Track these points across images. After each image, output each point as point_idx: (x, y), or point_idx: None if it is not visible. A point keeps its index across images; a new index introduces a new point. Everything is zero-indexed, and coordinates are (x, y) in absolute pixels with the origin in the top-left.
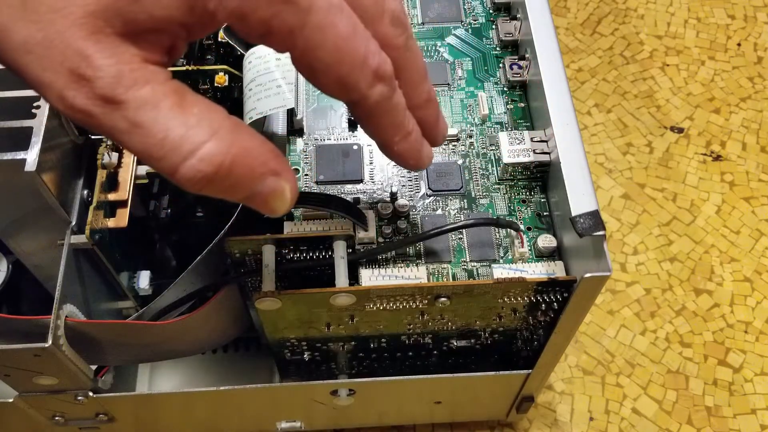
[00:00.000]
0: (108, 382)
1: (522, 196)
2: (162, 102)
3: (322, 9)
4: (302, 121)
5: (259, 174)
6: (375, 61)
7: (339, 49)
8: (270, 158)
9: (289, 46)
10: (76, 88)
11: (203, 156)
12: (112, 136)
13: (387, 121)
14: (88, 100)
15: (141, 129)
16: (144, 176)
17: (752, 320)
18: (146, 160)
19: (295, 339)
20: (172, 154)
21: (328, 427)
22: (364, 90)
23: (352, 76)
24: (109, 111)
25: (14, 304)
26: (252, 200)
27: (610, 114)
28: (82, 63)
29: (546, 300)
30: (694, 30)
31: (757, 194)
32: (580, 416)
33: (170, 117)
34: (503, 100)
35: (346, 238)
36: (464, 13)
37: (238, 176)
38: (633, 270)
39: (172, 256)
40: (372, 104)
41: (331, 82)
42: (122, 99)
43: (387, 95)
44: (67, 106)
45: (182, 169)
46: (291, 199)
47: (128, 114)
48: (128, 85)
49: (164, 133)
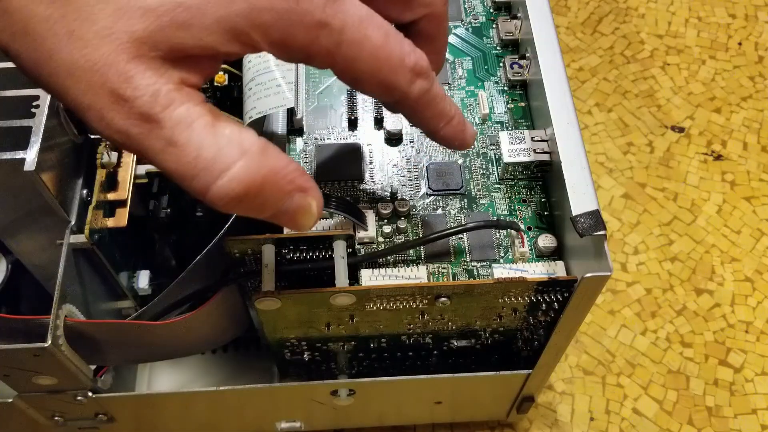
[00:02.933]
0: (107, 382)
1: (522, 195)
2: (196, 122)
3: (353, 25)
4: (302, 121)
5: (287, 192)
6: (411, 60)
7: (376, 57)
8: (297, 176)
9: (330, 64)
10: (116, 109)
11: (234, 176)
12: (148, 156)
13: (430, 111)
14: (127, 120)
15: (175, 148)
16: (143, 176)
17: (753, 320)
18: (179, 179)
19: (295, 339)
20: (205, 173)
21: (328, 427)
22: (405, 88)
23: (392, 78)
24: (146, 131)
25: (13, 304)
26: (280, 217)
27: (611, 113)
28: (123, 84)
29: (546, 300)
30: (694, 29)
31: (758, 194)
32: (581, 416)
33: (203, 137)
34: (504, 99)
35: (346, 237)
36: (464, 12)
37: (267, 195)
38: (634, 270)
39: (172, 255)
40: (414, 99)
41: (374, 87)
42: (159, 118)
43: (426, 88)
44: (105, 126)
45: (214, 189)
46: (317, 215)
47: (164, 133)
48: (164, 105)
49: (197, 152)
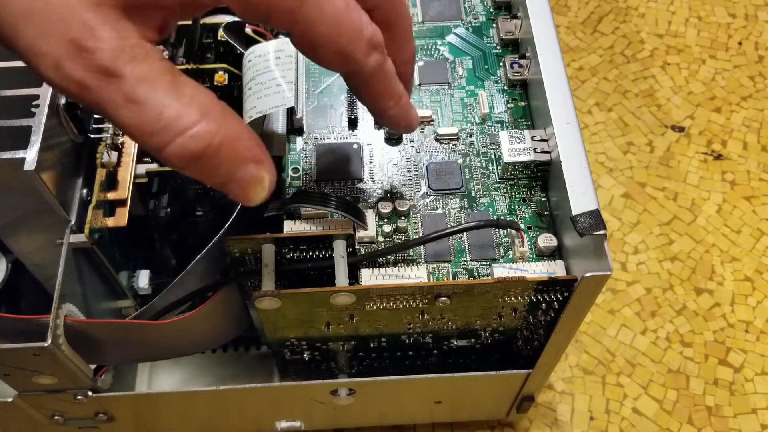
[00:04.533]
0: (107, 382)
1: (522, 195)
2: (158, 80)
3: None
4: (302, 120)
5: (242, 159)
6: (369, 31)
7: (336, 22)
8: (254, 146)
9: (289, 24)
10: (75, 59)
11: (194, 134)
12: (103, 109)
13: (381, 87)
14: (86, 72)
15: (136, 104)
16: (143, 175)
17: (753, 320)
18: (134, 134)
19: (294, 338)
20: (165, 131)
21: (328, 427)
22: (361, 59)
23: (350, 47)
24: (105, 84)
25: (13, 304)
26: (231, 185)
27: (611, 113)
28: (85, 34)
29: (546, 299)
30: (695, 29)
31: (758, 193)
32: (581, 416)
33: (165, 95)
34: (504, 98)
35: (346, 237)
36: (465, 12)
37: (223, 158)
38: (634, 269)
39: (172, 255)
40: (368, 72)
41: (330, 54)
42: (121, 73)
43: (381, 62)
44: (62, 75)
45: (172, 146)
46: (268, 190)
47: (125, 88)
48: (127, 60)
49: (159, 110)
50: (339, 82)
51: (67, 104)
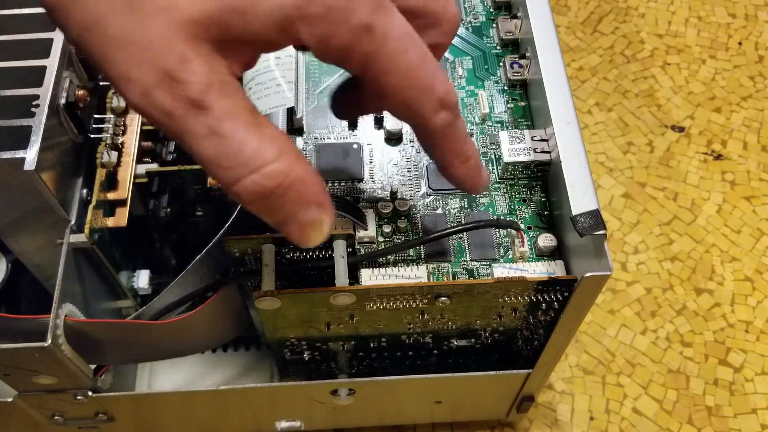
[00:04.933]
0: (107, 382)
1: (522, 195)
2: (242, 116)
3: (396, 37)
4: (302, 120)
5: (307, 201)
6: (442, 89)
7: (408, 75)
8: (320, 191)
9: (362, 69)
10: (165, 89)
11: (268, 173)
12: (183, 138)
13: (448, 146)
14: (174, 102)
15: (218, 137)
16: (143, 175)
17: (753, 320)
18: (210, 166)
19: (294, 338)
20: (242, 166)
21: (328, 427)
22: (428, 115)
23: (419, 102)
24: (192, 115)
25: (13, 304)
26: (291, 225)
27: (611, 113)
28: (180, 66)
29: (546, 299)
30: (695, 29)
31: (758, 193)
32: (581, 416)
33: (247, 131)
34: (504, 99)
35: (346, 237)
36: (464, 12)
37: (290, 198)
38: (634, 269)
39: (172, 255)
40: (435, 129)
41: (398, 106)
42: (208, 105)
43: (449, 122)
44: (149, 103)
45: (245, 181)
46: (326, 234)
47: (210, 121)
48: (216, 95)
49: (239, 145)
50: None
51: (67, 104)
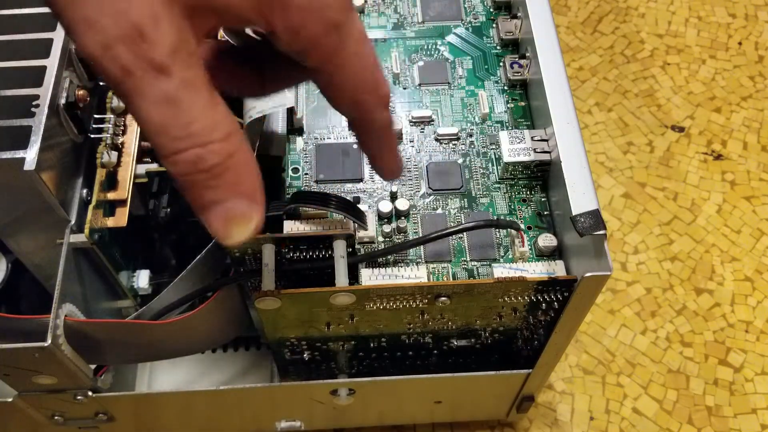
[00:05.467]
0: (107, 382)
1: (522, 195)
2: (200, 89)
3: (358, 37)
4: (302, 120)
5: (241, 191)
6: (385, 89)
7: (362, 75)
8: (257, 186)
9: (323, 62)
10: (130, 44)
11: (213, 149)
12: (134, 99)
13: (384, 139)
14: (136, 60)
15: (172, 106)
16: (143, 175)
17: (753, 320)
18: (155, 132)
19: (294, 338)
20: (188, 138)
21: (327, 427)
22: (373, 112)
23: (368, 100)
24: (151, 77)
25: (13, 304)
26: (217, 211)
27: (611, 113)
28: (151, 22)
29: (546, 299)
30: (695, 29)
31: (758, 193)
32: (581, 416)
33: (203, 105)
34: (504, 98)
35: (346, 237)
36: (465, 12)
37: (226, 180)
38: (634, 269)
39: (172, 255)
40: (377, 124)
41: (347, 101)
42: (170, 71)
43: (389, 118)
44: (109, 56)
45: (186, 153)
46: (248, 235)
47: (168, 87)
48: (180, 61)
49: (192, 117)
50: None
51: (67, 104)
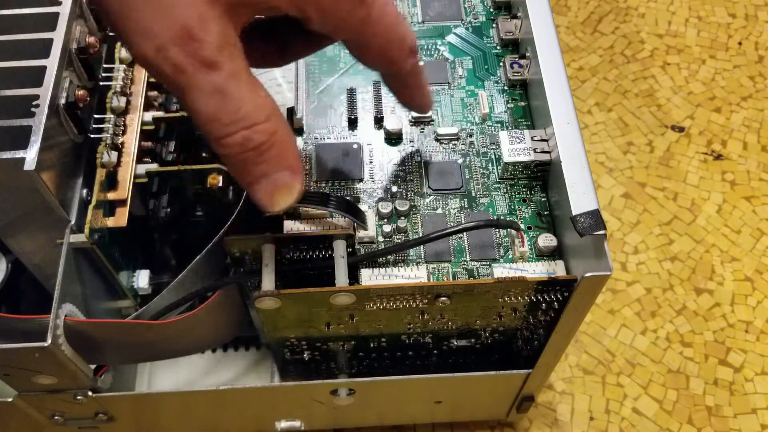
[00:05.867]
0: (107, 382)
1: (522, 195)
2: (244, 77)
3: (379, 2)
4: (302, 120)
5: (285, 163)
6: (411, 39)
7: (390, 33)
8: (298, 157)
9: (353, 34)
10: (182, 45)
11: (258, 129)
12: (188, 93)
13: (414, 82)
14: (188, 59)
15: (222, 95)
16: (143, 175)
17: (753, 320)
18: (206, 121)
19: (294, 338)
20: (237, 122)
21: (328, 427)
22: (403, 63)
23: (396, 55)
24: (202, 72)
25: (13, 304)
26: (264, 183)
27: (611, 113)
28: (198, 24)
29: (546, 299)
30: (695, 29)
31: (758, 193)
32: (581, 416)
33: (247, 92)
34: (504, 98)
35: (346, 237)
36: (465, 12)
37: (271, 155)
38: (633, 269)
39: (172, 255)
40: (407, 72)
41: (378, 59)
42: (219, 65)
43: (416, 63)
44: (162, 57)
45: (236, 136)
46: (293, 201)
47: (217, 80)
48: (227, 55)
49: (239, 103)
50: (339, 82)
51: (67, 104)
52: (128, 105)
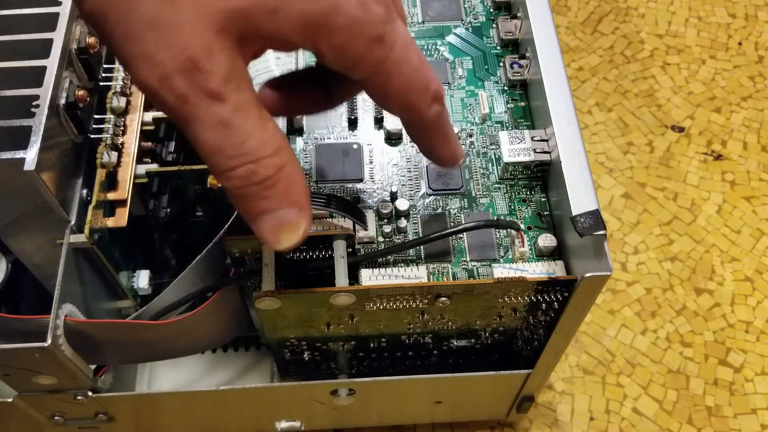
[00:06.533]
0: (107, 382)
1: (522, 195)
2: (251, 110)
3: (400, 45)
4: (302, 120)
5: (291, 200)
6: (435, 86)
7: (410, 78)
8: (305, 195)
9: (371, 75)
10: (186, 75)
11: (265, 163)
12: (191, 125)
13: (439, 132)
14: (192, 89)
15: (227, 128)
16: (143, 175)
17: (753, 320)
18: (210, 154)
19: (294, 339)
20: (242, 157)
21: (327, 427)
22: (425, 110)
23: (417, 100)
24: (206, 104)
25: (13, 304)
26: (267, 220)
27: (611, 113)
28: (205, 55)
29: (546, 299)
30: (694, 29)
31: (758, 193)
32: (581, 416)
33: (254, 125)
34: (504, 99)
35: (346, 237)
36: (465, 12)
37: (277, 191)
38: (633, 269)
39: (172, 255)
40: (430, 121)
41: (399, 105)
42: (224, 98)
43: (441, 112)
44: (166, 87)
45: (240, 169)
46: (298, 241)
47: (222, 112)
48: (233, 87)
49: (244, 137)
50: None
51: (67, 104)
52: (128, 105)
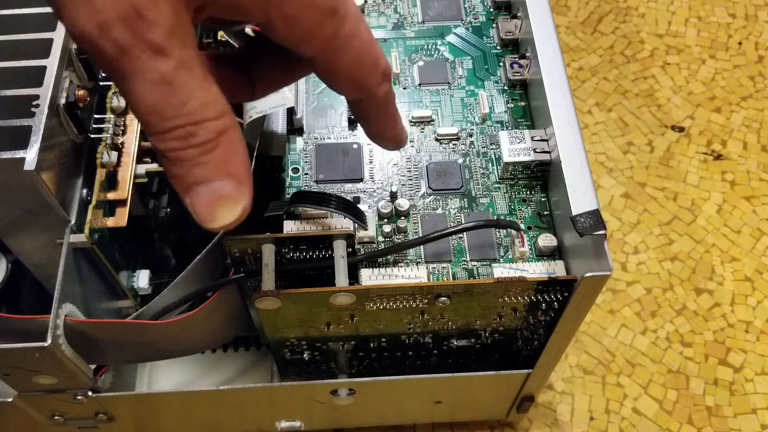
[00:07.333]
0: (107, 382)
1: (522, 195)
2: (195, 69)
3: (351, 18)
4: (302, 120)
5: (229, 171)
6: (384, 63)
7: (361, 53)
8: (246, 169)
9: (319, 51)
10: (128, 24)
11: (205, 126)
12: (129, 79)
13: (387, 112)
14: (134, 41)
15: (168, 86)
16: (143, 175)
17: (753, 320)
18: (147, 112)
19: (294, 338)
20: (181, 118)
21: (327, 427)
22: (374, 88)
23: (368, 77)
24: (147, 57)
25: (14, 304)
26: (202, 191)
27: (611, 113)
28: (149, 4)
29: (546, 299)
30: (695, 29)
31: (758, 193)
32: (581, 416)
33: (198, 86)
34: (504, 98)
35: (346, 237)
36: (465, 12)
37: (215, 158)
38: (633, 269)
39: (172, 255)
40: (379, 99)
41: (347, 82)
42: (167, 52)
43: (389, 90)
44: (105, 35)
45: (178, 131)
46: (237, 218)
47: (164, 68)
48: (178, 42)
49: (186, 97)
50: None
51: (67, 104)
52: None
